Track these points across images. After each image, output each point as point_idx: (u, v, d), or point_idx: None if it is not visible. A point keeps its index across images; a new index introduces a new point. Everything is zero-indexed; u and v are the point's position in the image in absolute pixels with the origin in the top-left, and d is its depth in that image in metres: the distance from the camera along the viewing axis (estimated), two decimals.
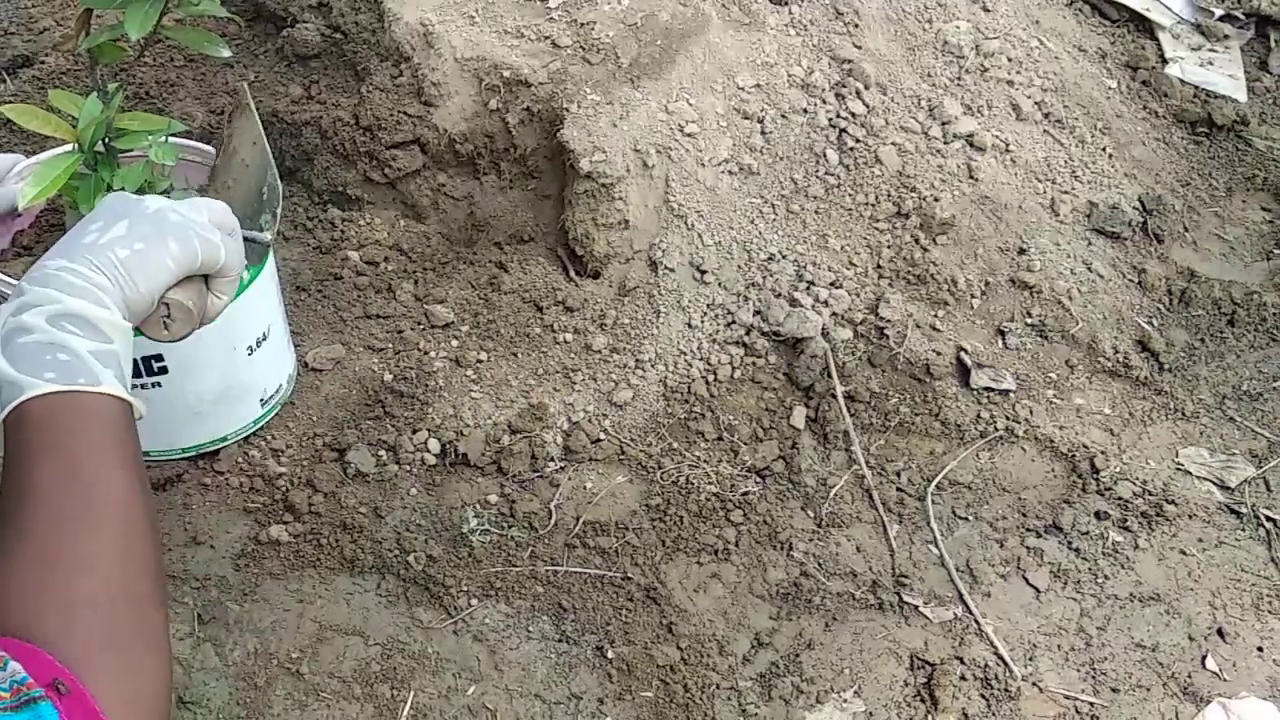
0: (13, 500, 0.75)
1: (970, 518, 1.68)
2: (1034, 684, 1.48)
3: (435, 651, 1.42)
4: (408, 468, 1.61)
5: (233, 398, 1.53)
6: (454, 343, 1.78)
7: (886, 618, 1.54)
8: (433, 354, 1.75)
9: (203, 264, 0.94)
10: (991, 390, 1.82)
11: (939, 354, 1.83)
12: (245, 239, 1.04)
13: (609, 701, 1.40)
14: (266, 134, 2.06)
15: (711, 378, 1.76)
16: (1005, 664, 1.50)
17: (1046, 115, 2.15)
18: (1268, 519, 1.72)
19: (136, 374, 1.42)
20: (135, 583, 0.74)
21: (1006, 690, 1.47)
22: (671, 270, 1.83)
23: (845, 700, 1.44)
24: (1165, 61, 2.40)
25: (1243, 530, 1.71)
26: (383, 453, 1.62)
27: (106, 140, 1.33)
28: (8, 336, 0.81)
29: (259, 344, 1.52)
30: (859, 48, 2.05)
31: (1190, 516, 1.71)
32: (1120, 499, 1.71)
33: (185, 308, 0.97)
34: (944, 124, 2.03)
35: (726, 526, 1.60)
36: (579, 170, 1.79)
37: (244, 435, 1.59)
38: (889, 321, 1.83)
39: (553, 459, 1.64)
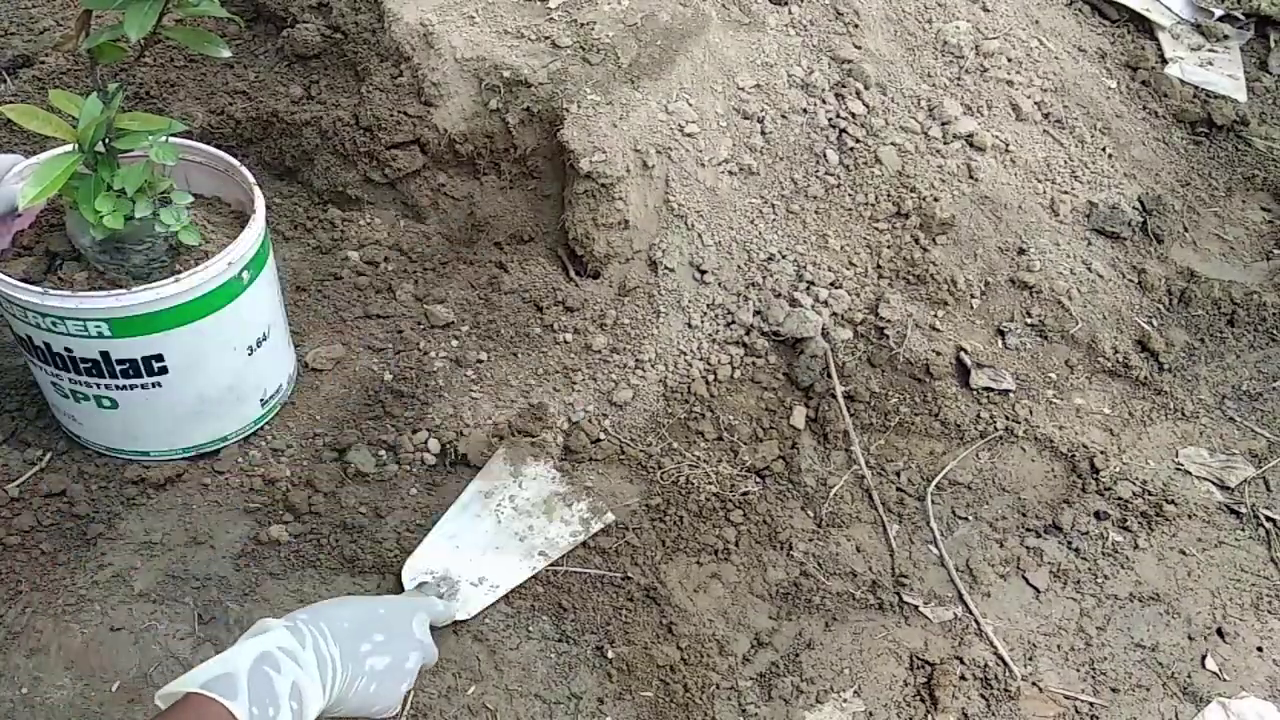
0: None
1: (970, 518, 1.68)
2: (1034, 684, 1.48)
3: None
4: (408, 468, 1.61)
5: (233, 397, 1.53)
6: (454, 343, 1.78)
7: (886, 617, 1.54)
8: (433, 354, 1.75)
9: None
10: (991, 390, 1.82)
11: (939, 354, 1.83)
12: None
13: (609, 701, 1.40)
14: (267, 135, 2.07)
15: (711, 378, 1.76)
16: (1005, 664, 1.50)
17: (1046, 115, 2.15)
18: (1267, 519, 1.72)
19: (137, 374, 1.42)
20: None
21: (1006, 690, 1.47)
22: (671, 270, 1.83)
23: (845, 700, 1.44)
24: (1165, 62, 2.40)
25: (1242, 530, 1.71)
26: (383, 452, 1.62)
27: (107, 140, 1.33)
28: (266, 656, 1.00)
29: (259, 344, 1.52)
30: (859, 48, 2.05)
31: (1190, 516, 1.71)
32: (1120, 499, 1.72)
33: None
34: (944, 124, 2.03)
35: (726, 526, 1.60)
36: (579, 170, 1.79)
37: (244, 435, 1.59)
38: (889, 321, 1.83)
39: (553, 459, 1.64)
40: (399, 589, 1.47)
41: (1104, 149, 2.17)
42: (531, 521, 1.56)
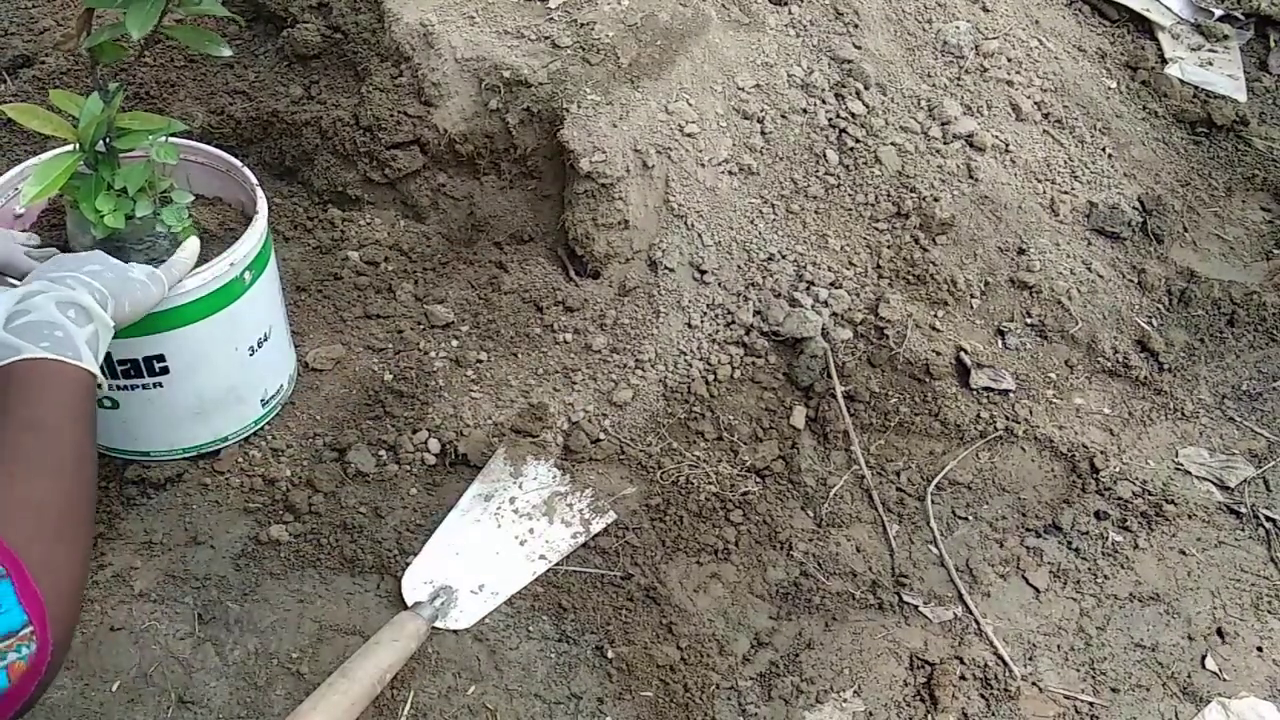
0: None
1: (970, 518, 1.68)
2: (1034, 684, 1.48)
3: (435, 651, 1.42)
4: (408, 468, 1.61)
5: (234, 398, 1.53)
6: (454, 343, 1.78)
7: (886, 617, 1.54)
8: (433, 354, 1.75)
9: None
10: (991, 390, 1.82)
11: (939, 354, 1.83)
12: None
13: (609, 701, 1.40)
14: (267, 135, 2.07)
15: (711, 378, 1.76)
16: (1005, 664, 1.50)
17: (1046, 115, 2.15)
18: (1267, 519, 1.72)
19: (138, 374, 1.42)
20: (74, 501, 0.93)
21: (1006, 690, 1.47)
22: (671, 270, 1.83)
23: (845, 700, 1.44)
24: (1165, 61, 2.40)
25: (1242, 530, 1.71)
26: (383, 453, 1.62)
27: (107, 140, 1.33)
28: (14, 315, 1.04)
29: (260, 344, 1.52)
30: (859, 48, 2.05)
31: (1190, 516, 1.71)
32: (1120, 499, 1.72)
33: None
34: (944, 124, 2.03)
35: (726, 526, 1.60)
36: (579, 170, 1.79)
37: (245, 435, 1.59)
38: (889, 321, 1.83)
39: (553, 458, 1.64)
40: (399, 590, 1.48)
41: (1104, 149, 2.17)
42: (532, 524, 1.55)
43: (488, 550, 1.52)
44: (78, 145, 1.31)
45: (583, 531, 1.55)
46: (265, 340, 1.53)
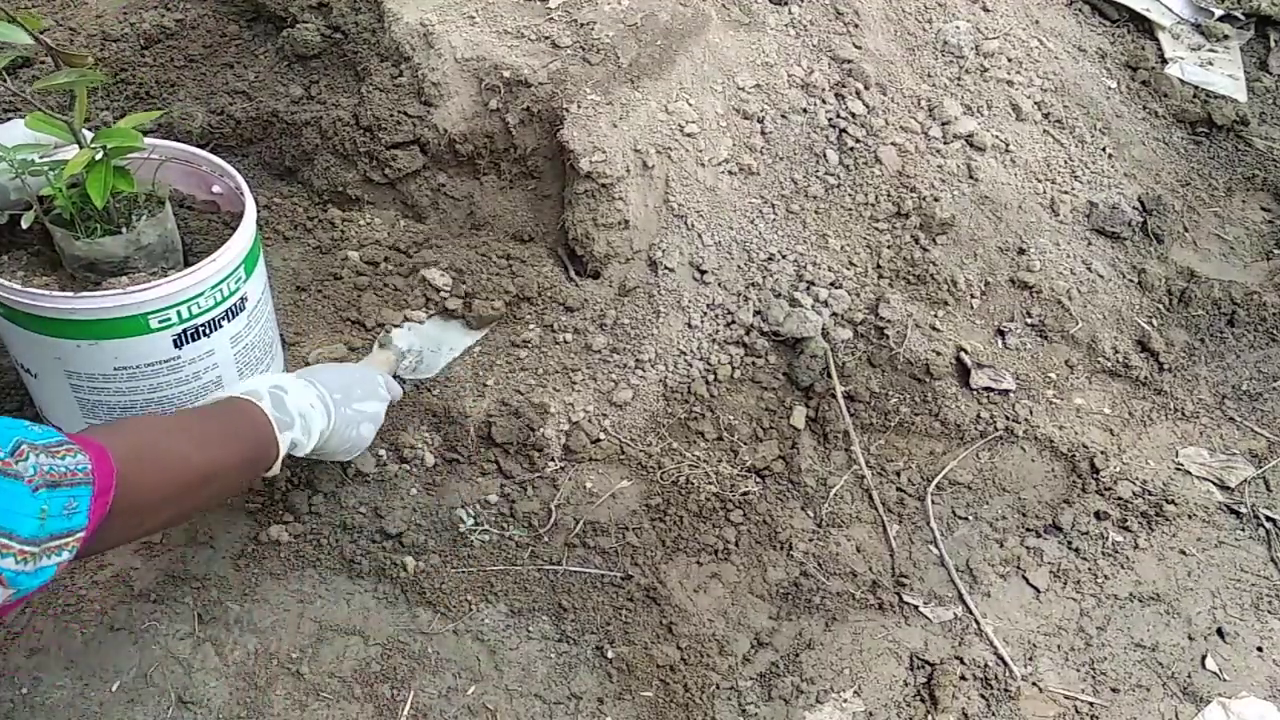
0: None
1: (970, 518, 1.68)
2: (1034, 684, 1.48)
3: (435, 651, 1.42)
4: (408, 467, 1.61)
5: None
6: None
7: (886, 618, 1.54)
8: None
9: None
10: (991, 390, 1.82)
11: (939, 354, 1.83)
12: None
13: (609, 701, 1.40)
14: (267, 135, 2.06)
15: (711, 378, 1.76)
16: (1005, 664, 1.50)
17: (1046, 115, 2.15)
18: (1267, 519, 1.72)
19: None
20: (192, 481, 1.11)
21: (1006, 690, 1.47)
22: (671, 270, 1.83)
23: (845, 700, 1.44)
24: (1165, 61, 2.40)
25: (1242, 530, 1.71)
26: (383, 452, 1.62)
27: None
28: (277, 385, 1.31)
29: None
30: (859, 48, 2.05)
31: (1190, 516, 1.71)
32: (1120, 499, 1.72)
33: None
34: (944, 124, 2.03)
35: (726, 526, 1.60)
36: (579, 170, 1.79)
37: None
38: (889, 321, 1.83)
39: (553, 459, 1.64)
40: (399, 589, 1.47)
41: (1104, 149, 2.17)
42: (443, 331, 1.75)
43: (428, 339, 1.73)
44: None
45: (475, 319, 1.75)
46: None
